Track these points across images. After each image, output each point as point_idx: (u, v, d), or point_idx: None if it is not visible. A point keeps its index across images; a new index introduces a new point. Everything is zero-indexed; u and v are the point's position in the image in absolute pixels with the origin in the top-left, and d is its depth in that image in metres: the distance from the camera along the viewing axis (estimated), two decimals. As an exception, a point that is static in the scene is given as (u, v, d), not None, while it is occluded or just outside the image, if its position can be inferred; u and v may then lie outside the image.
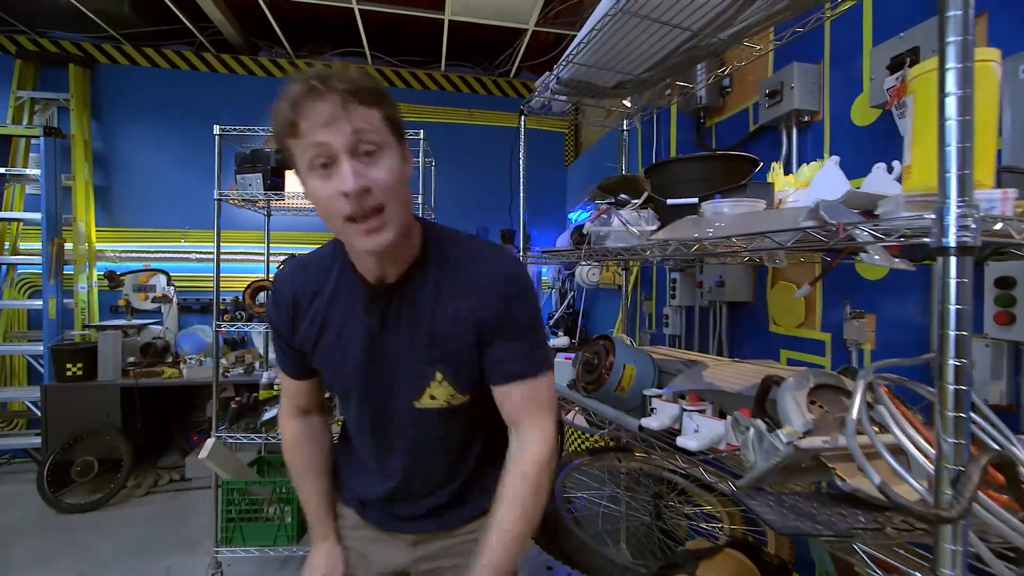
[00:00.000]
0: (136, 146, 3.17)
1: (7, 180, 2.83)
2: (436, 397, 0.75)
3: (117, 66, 3.16)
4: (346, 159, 0.60)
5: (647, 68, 1.25)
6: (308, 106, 0.59)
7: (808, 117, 1.34)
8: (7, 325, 2.95)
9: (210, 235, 3.11)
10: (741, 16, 0.98)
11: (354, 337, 0.74)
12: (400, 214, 0.65)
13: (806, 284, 0.95)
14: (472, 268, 0.72)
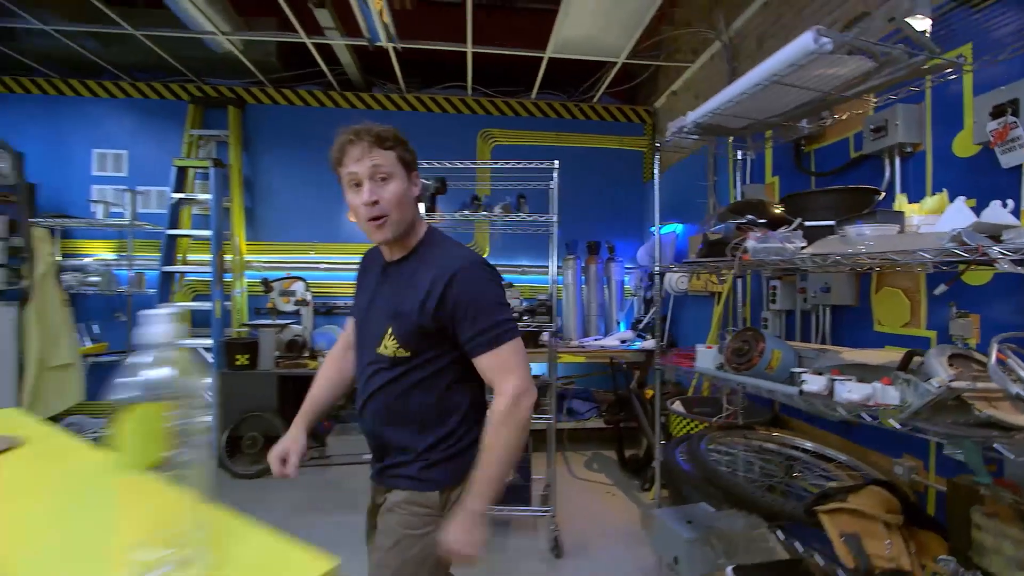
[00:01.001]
0: (276, 173, 3.73)
1: (183, 203, 3.42)
2: (387, 347, 0.97)
3: (262, 105, 3.74)
4: (367, 182, 0.92)
5: (774, 115, 1.54)
6: (348, 149, 0.93)
7: (911, 148, 1.59)
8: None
9: (335, 248, 3.62)
10: (867, 83, 1.27)
11: (367, 294, 1.05)
12: (398, 221, 0.95)
13: (942, 284, 1.20)
14: (438, 254, 0.98)
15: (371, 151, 0.92)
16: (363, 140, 0.92)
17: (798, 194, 1.43)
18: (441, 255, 0.98)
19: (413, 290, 0.96)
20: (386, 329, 0.97)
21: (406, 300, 0.96)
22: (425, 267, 0.97)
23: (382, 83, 3.84)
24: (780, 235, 1.25)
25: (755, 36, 2.66)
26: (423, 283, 0.95)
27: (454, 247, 1.02)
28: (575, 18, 2.80)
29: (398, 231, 0.96)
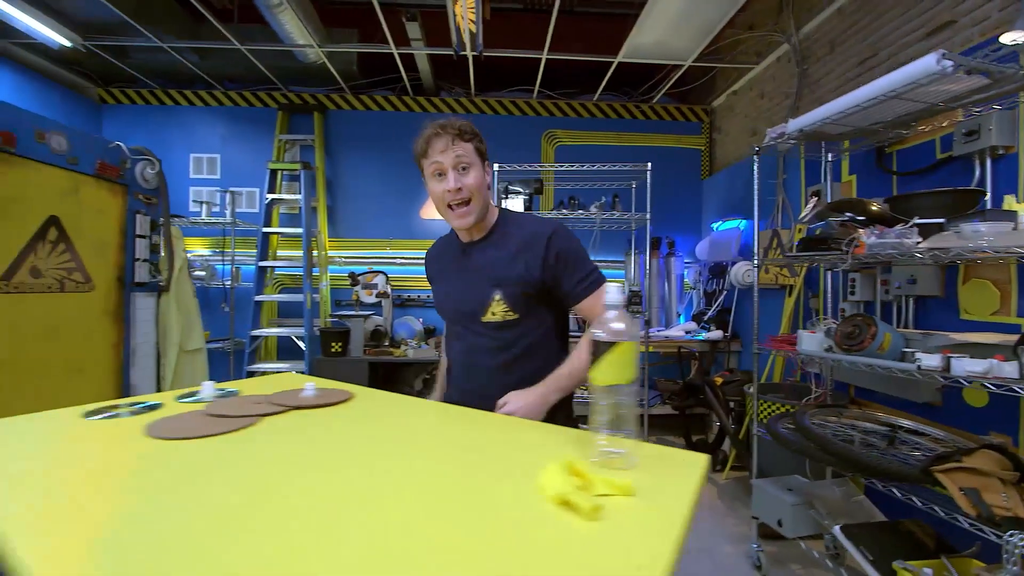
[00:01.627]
0: (353, 174, 3.99)
1: (274, 203, 3.71)
2: (495, 313, 1.06)
3: (341, 111, 4.00)
4: (451, 171, 1.00)
5: (876, 123, 1.70)
6: (433, 141, 1.01)
7: (1003, 151, 1.73)
8: (268, 314, 3.84)
9: (409, 243, 3.86)
10: (974, 96, 1.43)
11: (454, 273, 1.13)
12: (479, 206, 1.03)
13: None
14: (524, 223, 1.09)
15: (454, 143, 1.00)
16: (447, 133, 1.01)
17: (906, 195, 1.59)
18: (527, 222, 1.09)
19: (512, 255, 1.05)
20: (491, 296, 1.05)
21: (508, 266, 1.05)
22: (514, 236, 1.07)
23: (450, 87, 4.06)
24: (897, 231, 1.41)
25: (827, 40, 2.79)
26: (522, 247, 1.04)
27: (532, 216, 1.15)
28: (651, 25, 2.97)
29: (479, 215, 1.05)
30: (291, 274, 3.92)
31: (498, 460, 0.62)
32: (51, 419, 0.79)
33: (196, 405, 0.85)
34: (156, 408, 0.82)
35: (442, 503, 0.49)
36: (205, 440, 0.66)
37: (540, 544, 0.41)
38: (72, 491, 0.51)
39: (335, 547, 0.40)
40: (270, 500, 0.49)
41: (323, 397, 0.89)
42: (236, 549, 0.40)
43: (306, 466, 0.59)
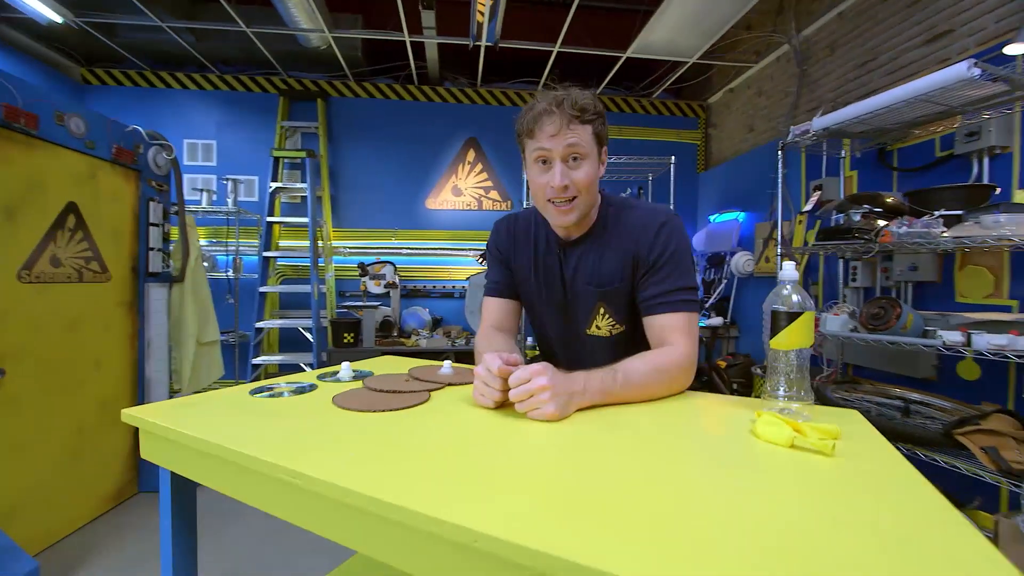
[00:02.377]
0: (356, 162, 3.94)
1: (277, 192, 3.62)
2: (600, 327, 0.93)
3: (344, 98, 3.92)
4: (559, 163, 0.83)
5: (897, 123, 1.86)
6: (543, 121, 0.83)
7: (1000, 150, 1.92)
8: (271, 305, 3.75)
9: (415, 234, 3.86)
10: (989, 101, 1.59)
11: (549, 277, 0.97)
12: (585, 203, 0.87)
13: None
14: (634, 214, 0.92)
15: (570, 126, 0.82)
16: (563, 113, 0.82)
17: (926, 189, 1.75)
18: (637, 212, 0.92)
19: (617, 256, 0.90)
20: (595, 308, 0.93)
21: (613, 270, 0.91)
22: (620, 230, 0.91)
23: (454, 77, 4.05)
24: (924, 221, 1.57)
25: (827, 43, 2.97)
26: (629, 243, 0.90)
27: (643, 204, 0.96)
28: (664, 23, 3.07)
29: (582, 215, 0.89)
30: (292, 264, 3.84)
31: (697, 430, 0.67)
32: (231, 398, 0.80)
33: (348, 384, 0.88)
34: (313, 388, 0.85)
35: (708, 475, 0.53)
36: (418, 411, 0.71)
37: (811, 477, 0.49)
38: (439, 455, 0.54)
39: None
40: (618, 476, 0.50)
41: (465, 375, 0.94)
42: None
43: (559, 442, 0.61)
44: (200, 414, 0.70)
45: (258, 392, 0.81)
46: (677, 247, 0.88)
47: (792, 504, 0.43)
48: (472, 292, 3.62)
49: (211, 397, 0.79)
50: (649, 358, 0.81)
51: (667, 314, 0.86)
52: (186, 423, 0.65)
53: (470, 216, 4.06)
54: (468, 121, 4.05)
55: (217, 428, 0.64)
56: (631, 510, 0.41)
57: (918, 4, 2.40)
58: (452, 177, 4.04)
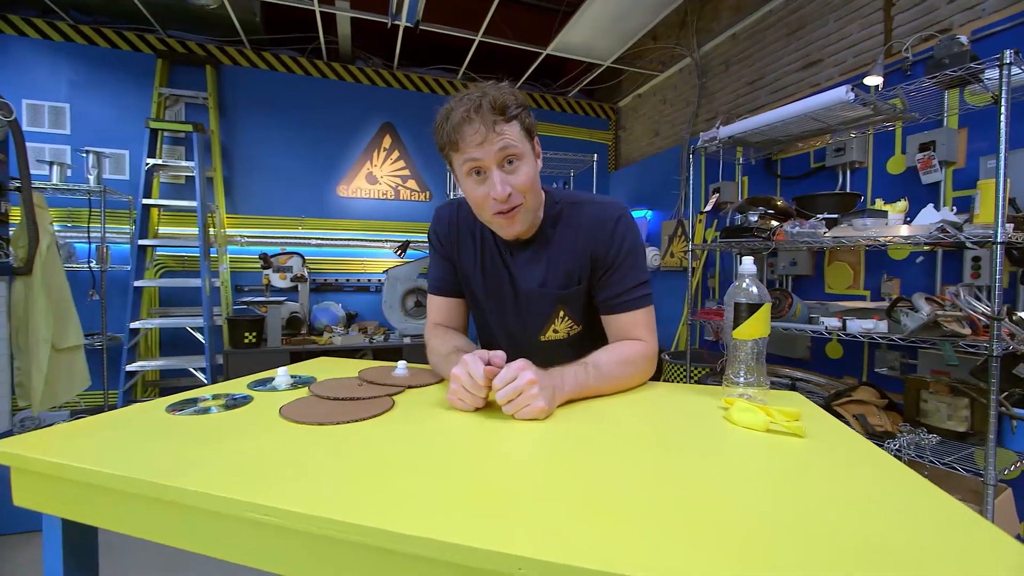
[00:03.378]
0: (254, 141, 3.52)
1: (155, 171, 3.11)
2: (558, 331, 0.90)
3: (239, 67, 3.48)
4: (495, 170, 0.75)
5: (787, 136, 2.11)
6: (464, 130, 0.74)
7: (858, 164, 2.29)
8: (148, 303, 3.23)
9: (326, 223, 3.60)
10: (857, 122, 1.88)
11: (496, 281, 0.92)
12: (531, 206, 0.81)
13: (920, 256, 1.84)
14: (582, 213, 0.87)
15: (495, 128, 0.74)
16: (484, 115, 0.73)
17: (809, 195, 2.01)
18: (586, 206, 0.87)
19: (572, 255, 0.86)
20: (554, 312, 0.89)
21: (571, 274, 0.87)
22: (576, 228, 0.86)
23: (368, 56, 3.80)
24: (812, 223, 1.81)
25: (722, 60, 3.29)
26: (584, 241, 0.86)
27: (592, 197, 0.90)
28: (583, 24, 3.16)
29: (529, 219, 0.83)
30: (176, 255, 3.34)
31: (674, 419, 0.68)
32: (144, 419, 0.65)
33: (290, 393, 0.77)
34: (248, 401, 0.73)
35: (694, 464, 0.55)
36: (386, 420, 0.63)
37: (795, 458, 0.53)
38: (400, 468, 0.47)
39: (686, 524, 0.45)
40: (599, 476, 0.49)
41: (423, 376, 0.87)
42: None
43: (542, 441, 0.59)
44: (108, 443, 0.56)
45: (179, 409, 0.68)
46: (633, 243, 0.86)
47: (784, 484, 0.46)
48: (390, 286, 3.45)
49: (115, 419, 0.64)
50: (616, 351, 0.81)
51: (629, 312, 0.85)
52: (91, 455, 0.52)
53: (387, 206, 3.86)
54: (383, 105, 3.83)
55: (139, 459, 0.51)
56: (631, 505, 0.41)
57: (796, 34, 2.76)
58: (367, 163, 3.80)
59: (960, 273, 1.87)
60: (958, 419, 1.57)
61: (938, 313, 1.43)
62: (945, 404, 1.60)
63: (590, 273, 0.87)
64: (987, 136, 1.85)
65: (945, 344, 1.42)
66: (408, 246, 3.69)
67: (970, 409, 1.56)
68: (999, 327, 1.32)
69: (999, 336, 1.33)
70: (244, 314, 3.14)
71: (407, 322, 3.44)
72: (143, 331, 3.05)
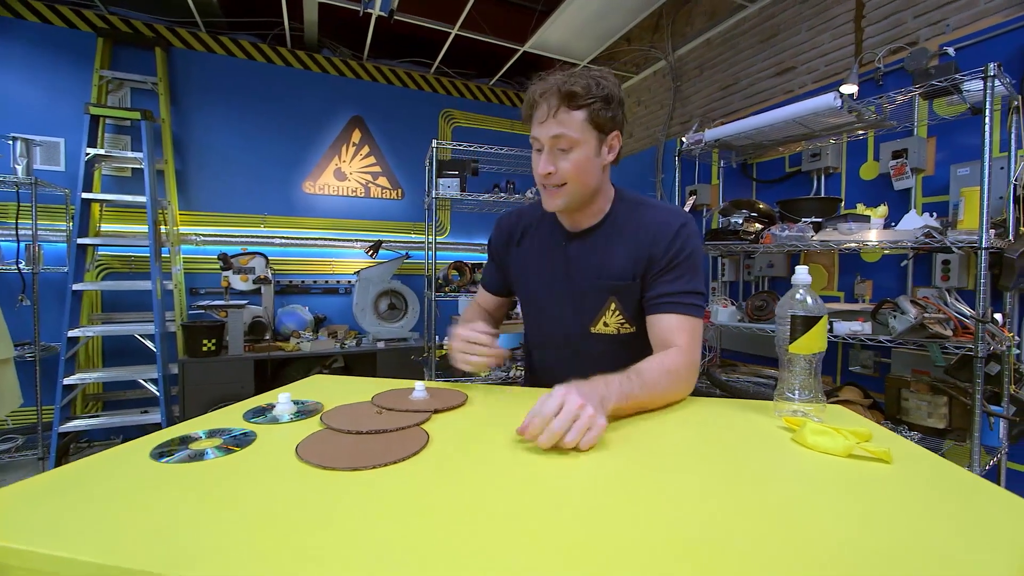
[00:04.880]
0: (212, 133, 3.26)
1: (96, 162, 2.80)
2: (608, 324, 0.90)
3: (193, 52, 3.20)
4: (547, 150, 0.82)
5: (772, 140, 2.15)
6: (534, 108, 0.83)
7: (833, 170, 2.36)
8: (89, 308, 2.91)
9: (291, 221, 3.40)
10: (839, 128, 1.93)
11: (553, 266, 0.94)
12: (575, 191, 0.84)
13: (905, 259, 1.90)
14: (651, 210, 0.89)
15: (556, 114, 0.79)
16: (549, 100, 0.80)
17: (794, 199, 2.05)
18: (652, 209, 0.90)
19: (631, 250, 0.87)
20: (606, 304, 0.89)
21: (625, 268, 0.87)
22: (635, 225, 0.88)
23: (335, 45, 3.60)
24: (799, 227, 1.83)
25: (697, 64, 3.34)
26: (645, 240, 0.86)
27: (660, 202, 0.94)
28: (561, 23, 3.12)
29: (572, 202, 0.86)
30: (121, 255, 3.04)
31: (737, 443, 0.63)
32: (126, 470, 0.53)
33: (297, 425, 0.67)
34: (250, 439, 0.62)
35: (768, 492, 0.50)
36: (426, 458, 0.54)
37: (889, 488, 0.49)
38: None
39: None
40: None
41: (446, 397, 0.78)
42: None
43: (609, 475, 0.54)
44: (79, 510, 0.43)
45: (167, 454, 0.56)
46: (693, 250, 0.86)
47: (894, 517, 0.42)
48: (362, 287, 3.29)
49: (85, 473, 0.51)
50: (659, 360, 0.78)
51: (674, 315, 0.83)
52: (57, 533, 0.40)
53: (356, 204, 3.68)
54: (352, 97, 3.64)
55: (124, 536, 0.39)
56: (723, 548, 0.36)
57: (769, 41, 2.83)
58: (334, 159, 3.60)
59: (930, 276, 1.96)
60: (938, 416, 1.63)
61: (925, 316, 1.48)
62: (925, 402, 1.66)
63: (644, 272, 0.87)
64: (952, 145, 1.95)
65: (933, 345, 1.47)
66: (380, 246, 3.54)
67: (948, 407, 1.63)
68: (983, 328, 1.38)
69: (982, 337, 1.39)
70: (201, 319, 2.90)
71: (381, 325, 3.29)
72: (83, 340, 2.75)
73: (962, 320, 1.49)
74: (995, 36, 1.82)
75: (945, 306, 1.48)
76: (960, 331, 1.51)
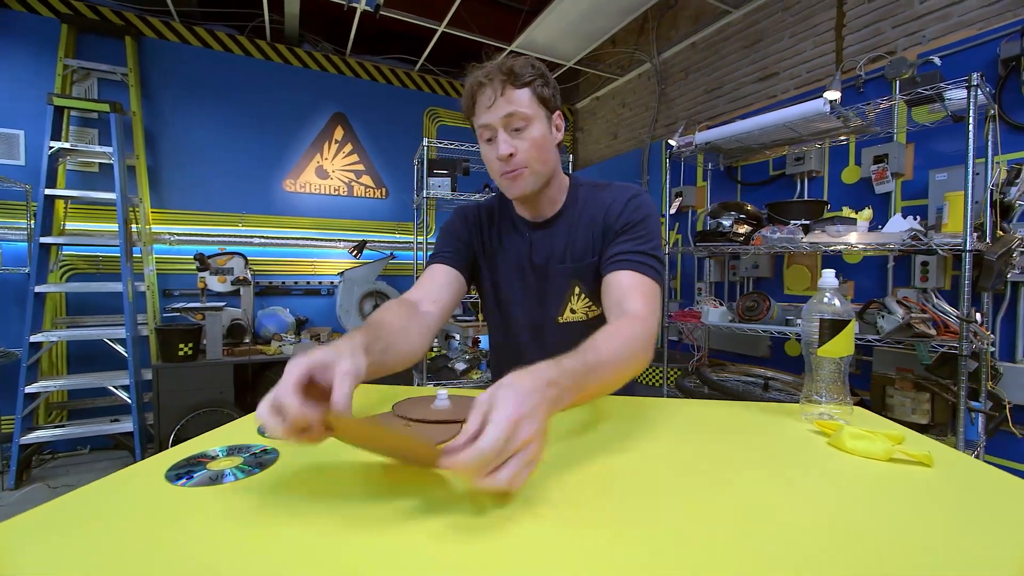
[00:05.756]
0: (186, 127, 3.12)
1: (60, 156, 2.64)
2: (576, 311, 0.89)
3: (166, 42, 3.06)
4: (502, 133, 0.79)
5: (760, 144, 2.19)
6: (477, 95, 0.79)
7: (815, 173, 2.43)
8: (52, 311, 2.74)
9: (271, 220, 3.29)
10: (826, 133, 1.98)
11: (518, 260, 0.93)
12: (537, 171, 0.82)
13: (892, 260, 1.96)
14: (605, 190, 0.89)
15: (504, 93, 0.78)
16: (495, 81, 0.78)
17: (781, 202, 2.10)
18: (610, 189, 0.89)
19: (589, 231, 0.87)
20: (570, 288, 0.88)
21: (587, 246, 0.87)
22: (591, 206, 0.89)
23: (317, 40, 3.51)
24: (789, 229, 1.88)
25: (682, 67, 3.39)
26: (600, 218, 0.86)
27: (618, 183, 0.91)
28: (549, 24, 3.11)
29: (538, 183, 0.84)
30: (88, 255, 2.88)
31: (775, 449, 0.62)
32: (136, 485, 0.48)
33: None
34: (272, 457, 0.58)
35: (811, 496, 0.50)
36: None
37: (934, 492, 0.49)
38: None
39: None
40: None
41: (469, 407, 0.75)
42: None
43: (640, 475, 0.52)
44: (89, 549, 0.38)
45: (184, 475, 0.51)
46: (648, 215, 0.85)
47: (949, 523, 0.42)
48: (346, 289, 3.21)
49: (93, 500, 0.46)
50: (614, 329, 0.66)
51: (627, 271, 0.78)
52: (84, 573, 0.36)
53: (339, 202, 3.59)
54: (335, 93, 3.55)
55: (156, 570, 0.36)
56: (785, 561, 0.35)
57: (753, 47, 2.89)
58: (316, 156, 3.50)
59: (909, 277, 2.03)
60: (921, 412, 1.70)
61: (912, 316, 1.53)
62: (909, 399, 1.72)
63: (601, 244, 0.86)
64: (929, 151, 2.03)
65: (920, 344, 1.52)
66: (365, 246, 3.46)
67: (931, 403, 1.69)
68: (968, 328, 1.43)
69: (967, 336, 1.44)
70: (177, 322, 2.77)
71: (366, 328, 3.21)
72: (47, 345, 2.59)
73: (945, 320, 1.56)
74: (970, 48, 1.91)
75: (930, 306, 1.54)
76: (943, 330, 1.57)
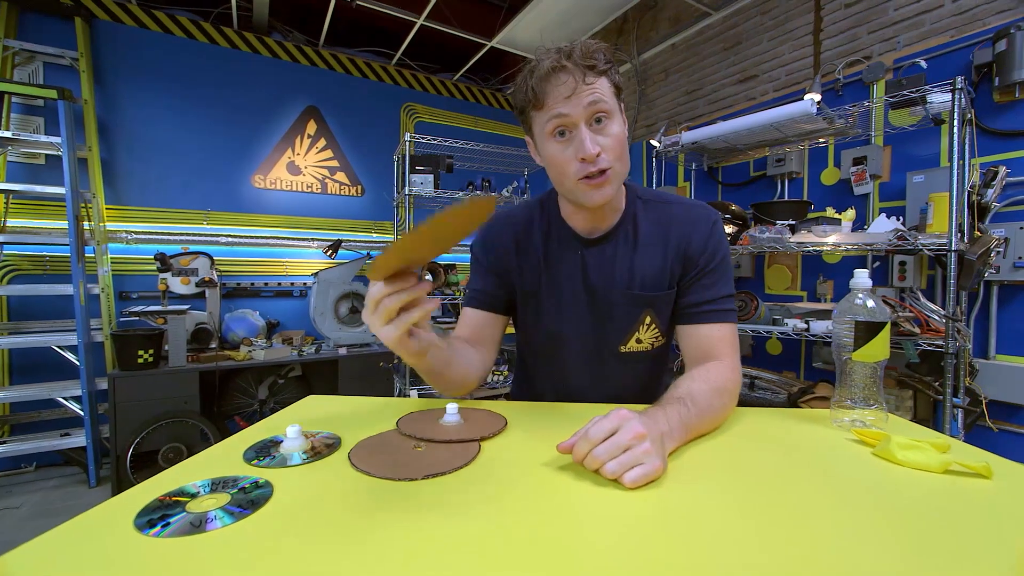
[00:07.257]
0: (144, 117, 2.91)
1: (1, 145, 2.41)
2: (642, 340, 0.79)
3: (121, 25, 2.84)
4: (583, 127, 0.67)
5: (746, 144, 2.20)
6: (552, 81, 0.66)
7: (796, 175, 2.47)
8: (-9, 316, 2.50)
9: (238, 218, 3.13)
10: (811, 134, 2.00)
11: (568, 283, 0.79)
12: (619, 174, 0.71)
13: (876, 260, 1.99)
14: (672, 211, 0.79)
15: (586, 81, 0.66)
16: (575, 66, 0.66)
17: (766, 203, 2.11)
18: (683, 207, 0.79)
19: (662, 255, 0.77)
20: (640, 318, 0.78)
21: (661, 275, 0.77)
22: (665, 225, 0.78)
23: (287, 29, 3.34)
24: (776, 228, 1.88)
25: (662, 68, 3.41)
26: (676, 242, 0.77)
27: (680, 197, 0.83)
28: (530, 21, 3.07)
29: (616, 189, 0.73)
30: (33, 254, 2.64)
31: (816, 460, 0.59)
32: (101, 535, 0.39)
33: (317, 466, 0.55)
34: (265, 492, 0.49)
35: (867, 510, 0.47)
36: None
37: (1003, 505, 0.46)
38: None
39: None
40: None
41: (488, 421, 0.68)
42: None
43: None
44: None
45: (159, 520, 0.43)
46: (727, 252, 0.79)
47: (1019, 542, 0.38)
48: (321, 290, 3.07)
49: (46, 554, 0.38)
50: (708, 378, 0.68)
51: (716, 324, 0.75)
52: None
53: (312, 200, 3.43)
54: (307, 86, 3.39)
55: None
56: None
57: (732, 49, 2.93)
58: (287, 151, 3.34)
59: (887, 276, 2.08)
60: (904, 409, 1.73)
61: (898, 315, 1.55)
62: (893, 396, 1.75)
63: (680, 275, 0.78)
64: (905, 154, 2.08)
65: (907, 343, 1.54)
66: (340, 246, 3.32)
67: (914, 399, 1.73)
68: (954, 326, 1.46)
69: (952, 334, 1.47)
70: (135, 327, 2.57)
71: (342, 330, 3.08)
72: (-15, 354, 2.35)
73: (928, 318, 1.59)
74: (943, 54, 1.96)
75: (915, 305, 1.57)
76: (925, 328, 1.61)
